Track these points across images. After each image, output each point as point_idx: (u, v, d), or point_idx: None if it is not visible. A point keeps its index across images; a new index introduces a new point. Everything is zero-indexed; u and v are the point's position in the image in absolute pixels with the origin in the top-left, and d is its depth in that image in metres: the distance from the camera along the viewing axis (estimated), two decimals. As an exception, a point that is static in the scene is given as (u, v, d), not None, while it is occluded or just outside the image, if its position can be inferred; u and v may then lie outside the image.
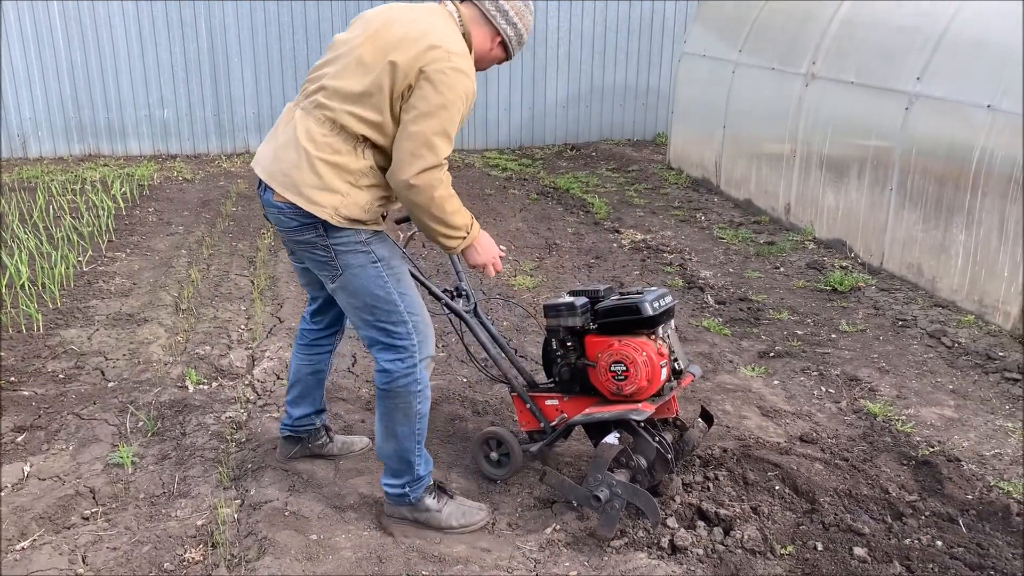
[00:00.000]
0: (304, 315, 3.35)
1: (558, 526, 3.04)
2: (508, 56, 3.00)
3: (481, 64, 2.95)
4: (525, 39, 2.98)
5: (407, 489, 2.99)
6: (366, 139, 2.73)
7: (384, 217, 2.94)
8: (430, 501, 3.02)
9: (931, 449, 3.56)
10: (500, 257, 3.03)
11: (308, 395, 3.39)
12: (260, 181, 2.86)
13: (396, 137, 2.71)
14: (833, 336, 4.85)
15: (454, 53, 2.69)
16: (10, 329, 4.77)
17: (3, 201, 7.27)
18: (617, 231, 6.92)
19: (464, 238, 2.86)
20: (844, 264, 5.99)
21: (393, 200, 2.89)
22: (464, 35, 2.84)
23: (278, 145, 2.82)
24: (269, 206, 2.84)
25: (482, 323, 3.38)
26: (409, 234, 3.54)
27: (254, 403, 4.00)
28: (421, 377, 2.90)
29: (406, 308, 2.85)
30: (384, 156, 2.78)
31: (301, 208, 2.73)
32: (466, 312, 3.31)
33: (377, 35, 2.74)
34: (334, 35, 2.94)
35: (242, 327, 4.91)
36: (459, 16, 2.85)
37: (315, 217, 2.73)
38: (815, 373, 4.36)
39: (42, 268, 5.53)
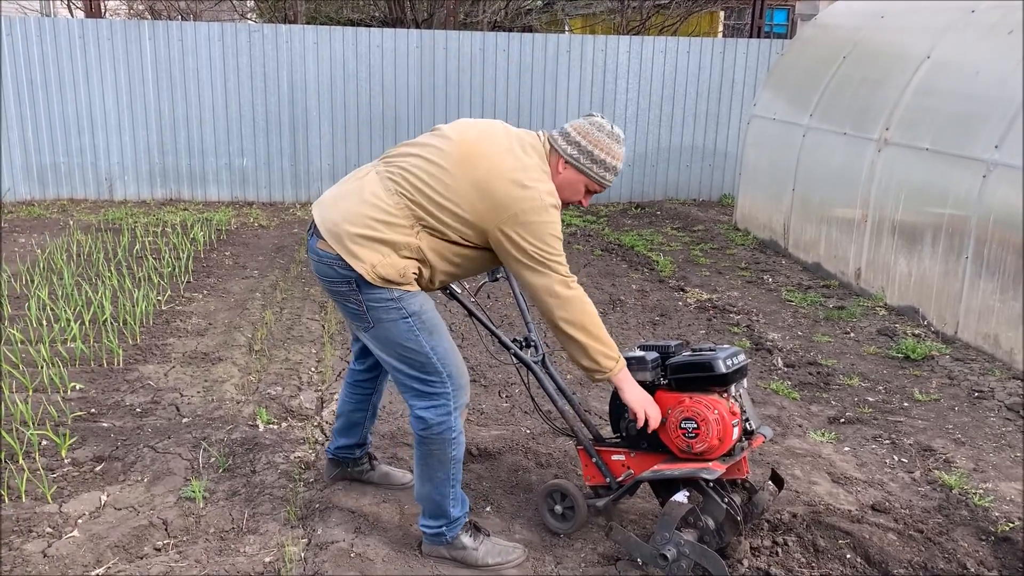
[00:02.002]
0: (352, 353, 3.48)
1: (622, 583, 3.00)
2: (588, 179, 2.95)
3: (561, 192, 2.93)
4: (599, 156, 2.91)
5: (443, 529, 3.07)
6: (425, 225, 2.81)
7: (436, 287, 3.01)
8: (467, 539, 3.09)
9: (1011, 525, 3.43)
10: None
11: (351, 428, 3.53)
12: (311, 224, 2.94)
13: (523, 284, 2.87)
14: (906, 404, 4.74)
15: (543, 192, 2.78)
16: (92, 362, 4.95)
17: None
18: (682, 289, 6.91)
19: (617, 360, 2.94)
20: (916, 332, 5.87)
21: (433, 276, 2.95)
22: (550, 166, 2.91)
23: (340, 194, 2.92)
24: (312, 252, 2.93)
25: (550, 374, 3.40)
26: (480, 284, 3.61)
27: (322, 444, 4.06)
28: (455, 424, 2.97)
29: (439, 359, 2.91)
30: (437, 241, 2.84)
31: (342, 259, 2.81)
32: (534, 362, 3.34)
33: (469, 153, 2.82)
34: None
35: (312, 369, 5.01)
36: (544, 144, 2.93)
37: (352, 271, 2.80)
38: (887, 441, 4.26)
39: (123, 305, 5.75)
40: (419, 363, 2.90)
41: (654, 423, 2.98)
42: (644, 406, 2.98)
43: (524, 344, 3.38)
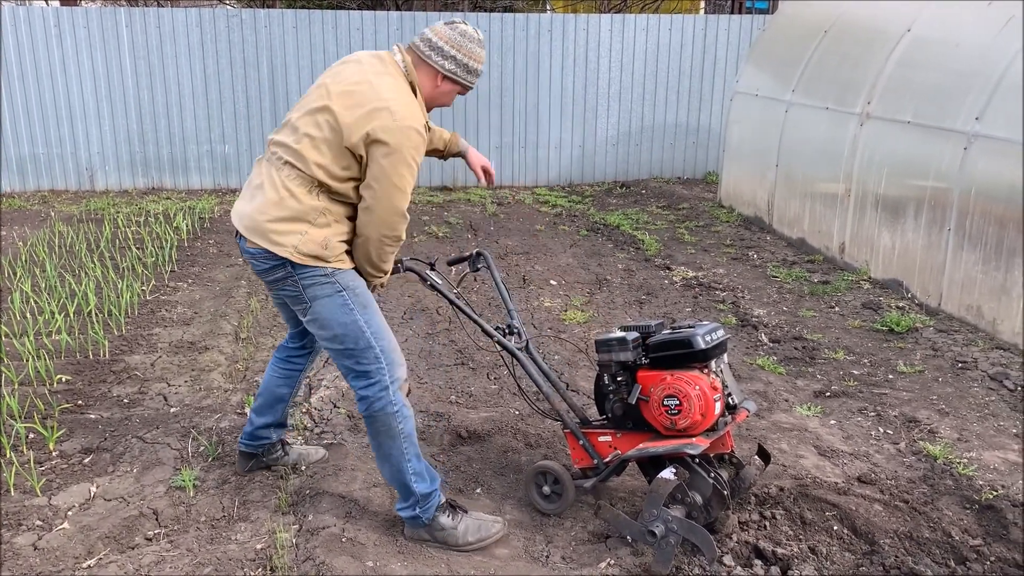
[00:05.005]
0: (288, 334, 3.54)
1: (612, 561, 3.03)
2: (463, 88, 3.14)
3: (435, 102, 3.13)
4: (474, 67, 3.09)
5: (417, 511, 3.10)
6: (319, 183, 2.92)
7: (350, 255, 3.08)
8: (444, 519, 3.12)
9: (995, 493, 3.48)
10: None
11: (274, 405, 3.57)
12: (236, 231, 3.08)
13: (363, 195, 2.92)
14: (890, 377, 4.78)
15: (397, 113, 2.86)
16: (78, 354, 4.93)
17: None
18: (668, 268, 6.92)
19: (382, 277, 3.12)
20: (900, 304, 5.91)
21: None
22: (411, 82, 3.02)
23: (247, 195, 3.09)
24: (244, 253, 3.07)
25: (534, 359, 3.41)
26: (463, 275, 3.62)
27: (311, 430, 4.07)
28: (395, 399, 3.02)
29: (372, 334, 3.01)
30: (339, 202, 2.96)
31: (268, 250, 2.94)
32: (518, 349, 3.35)
33: (329, 85, 2.99)
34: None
35: (299, 357, 5.00)
36: (404, 63, 3.04)
37: (279, 257, 2.94)
38: (872, 414, 4.30)
39: (108, 296, 5.72)
40: (353, 338, 2.99)
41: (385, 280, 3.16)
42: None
43: (507, 332, 3.39)
